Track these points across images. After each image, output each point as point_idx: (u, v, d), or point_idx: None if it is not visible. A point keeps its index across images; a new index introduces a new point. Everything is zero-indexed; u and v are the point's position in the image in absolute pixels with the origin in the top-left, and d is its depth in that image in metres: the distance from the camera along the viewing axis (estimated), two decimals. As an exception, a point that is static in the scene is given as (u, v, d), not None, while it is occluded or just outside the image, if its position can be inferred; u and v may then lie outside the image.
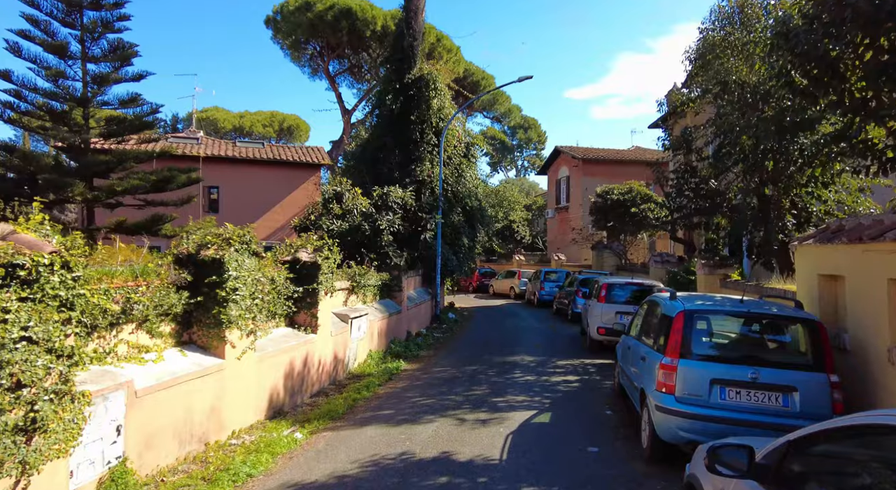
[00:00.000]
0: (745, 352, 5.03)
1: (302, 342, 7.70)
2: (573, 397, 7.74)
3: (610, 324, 11.09)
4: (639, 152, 35.08)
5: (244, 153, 26.63)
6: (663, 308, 5.56)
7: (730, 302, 5.32)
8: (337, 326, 9.02)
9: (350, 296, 10.29)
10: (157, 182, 18.08)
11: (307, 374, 7.85)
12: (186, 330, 5.88)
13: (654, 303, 6.18)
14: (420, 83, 18.46)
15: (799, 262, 6.19)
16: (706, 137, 10.44)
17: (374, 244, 12.44)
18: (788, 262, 9.57)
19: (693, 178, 10.59)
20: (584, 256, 27.69)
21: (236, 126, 50.70)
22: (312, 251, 8.32)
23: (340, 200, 13.51)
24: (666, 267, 15.10)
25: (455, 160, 19.19)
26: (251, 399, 6.43)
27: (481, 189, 21.82)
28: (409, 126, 18.37)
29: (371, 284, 11.13)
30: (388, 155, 18.46)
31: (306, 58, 38.54)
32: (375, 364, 10.01)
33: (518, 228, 41.98)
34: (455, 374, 9.24)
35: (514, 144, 72.53)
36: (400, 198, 13.86)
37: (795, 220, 8.62)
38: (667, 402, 4.88)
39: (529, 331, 15.09)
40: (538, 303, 22.85)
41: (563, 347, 12.31)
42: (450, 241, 18.55)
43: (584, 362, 10.47)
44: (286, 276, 7.70)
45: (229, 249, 5.98)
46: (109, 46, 15.04)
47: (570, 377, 9.07)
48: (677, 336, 5.00)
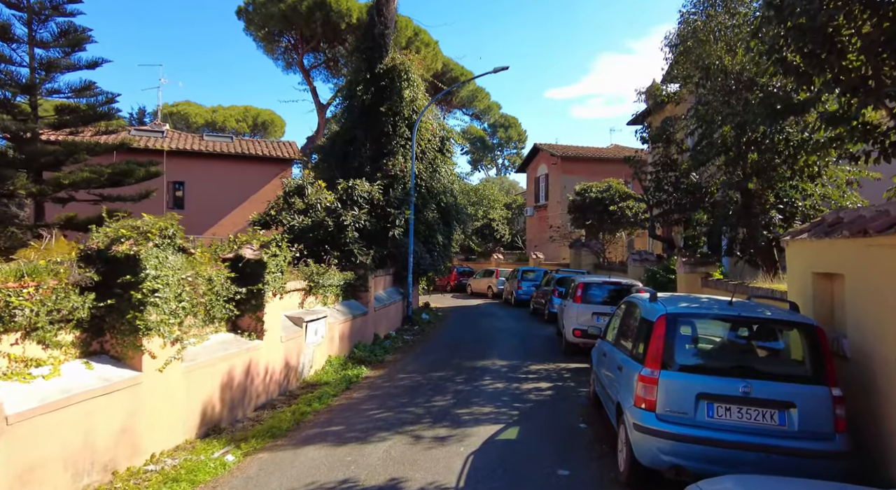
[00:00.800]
0: (735, 362, 4.40)
1: (244, 349, 6.89)
2: (545, 408, 7.08)
3: (586, 325, 10.45)
4: (618, 150, 34.84)
5: (211, 147, 25.53)
6: (643, 310, 4.91)
7: (717, 304, 4.69)
8: (289, 331, 8.22)
9: (307, 297, 9.49)
10: (113, 176, 16.99)
11: (250, 384, 7.05)
12: (97, 338, 5.06)
13: (632, 304, 5.54)
14: (392, 73, 17.69)
15: (791, 258, 5.62)
16: (687, 129, 9.89)
17: (338, 241, 11.64)
18: (773, 259, 9.08)
19: (673, 171, 10.05)
20: (563, 255, 27.23)
21: (209, 121, 49.24)
22: (259, 247, 7.51)
23: (303, 194, 12.67)
24: (644, 265, 14.61)
25: (429, 155, 18.46)
26: (177, 416, 5.62)
27: (457, 185, 21.11)
28: (381, 118, 17.60)
29: (333, 284, 10.34)
30: (358, 148, 17.67)
31: (280, 51, 37.36)
32: (334, 371, 9.23)
33: (497, 227, 41.49)
34: (419, 382, 8.52)
35: (494, 143, 72.18)
36: (367, 192, 13.07)
37: (781, 214, 8.10)
38: (647, 420, 4.23)
39: (504, 332, 14.45)
40: (515, 302, 22.28)
41: (538, 350, 11.68)
42: (423, 238, 17.83)
43: (558, 367, 9.84)
44: (227, 275, 6.89)
45: (147, 245, 5.16)
46: (59, 30, 13.95)
47: (542, 384, 8.42)
48: (658, 343, 4.36)
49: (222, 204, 24.67)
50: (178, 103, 51.25)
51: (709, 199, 9.65)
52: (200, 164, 24.77)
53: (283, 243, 7.77)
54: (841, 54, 4.94)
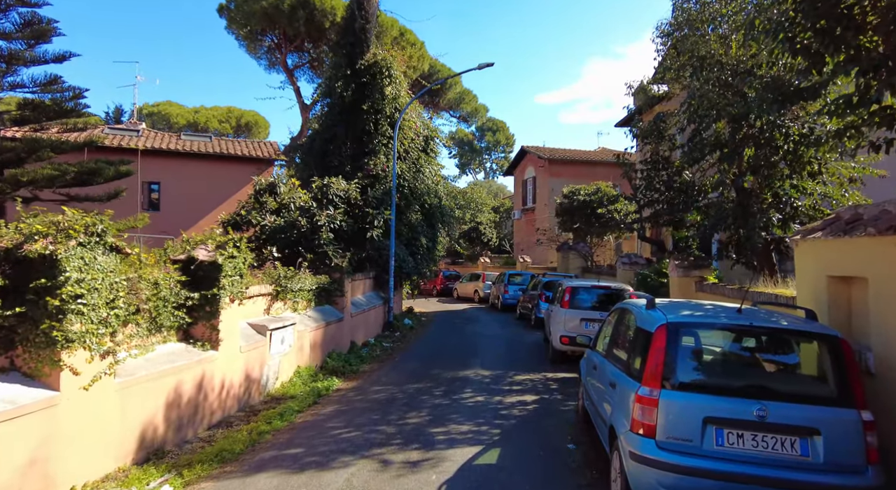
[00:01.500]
0: (747, 379, 3.78)
1: (195, 361, 6.17)
2: (529, 425, 6.44)
3: (574, 332, 9.89)
4: (605, 153, 34.54)
5: (189, 147, 24.67)
6: (638, 319, 4.30)
7: (724, 312, 4.09)
8: (251, 340, 7.51)
9: (274, 303, 8.78)
10: (80, 174, 16.15)
11: (203, 400, 6.33)
12: (5, 353, 4.33)
13: (626, 312, 4.93)
14: (374, 69, 17.05)
15: (801, 261, 5.05)
16: (679, 124, 9.37)
17: (312, 243, 10.93)
18: (771, 262, 8.56)
19: (665, 169, 9.51)
20: (550, 258, 26.71)
21: (190, 121, 48.19)
22: (214, 248, 6.80)
23: (275, 193, 11.95)
24: (634, 269, 14.07)
25: (413, 154, 17.84)
26: (108, 440, 4.89)
27: (443, 186, 20.49)
28: (362, 116, 16.96)
29: (304, 289, 9.63)
30: (338, 147, 17.00)
31: (263, 50, 36.52)
32: (303, 383, 8.52)
33: (485, 230, 40.98)
34: (394, 395, 7.84)
35: (482, 147, 71.90)
36: (343, 191, 12.37)
37: (780, 214, 7.57)
38: (645, 448, 3.61)
39: (489, 338, 13.81)
40: (502, 307, 21.69)
41: (524, 358, 11.06)
42: (406, 240, 17.19)
43: (545, 377, 9.22)
44: (177, 278, 6.18)
45: (68, 243, 4.45)
46: (22, 21, 13.11)
47: (527, 397, 7.78)
48: (658, 358, 3.74)
49: (200, 205, 23.79)
50: (159, 103, 50.17)
51: (702, 198, 9.12)
52: (177, 164, 23.92)
53: (243, 244, 7.06)
54: (858, 31, 4.39)
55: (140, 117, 47.70)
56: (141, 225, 17.19)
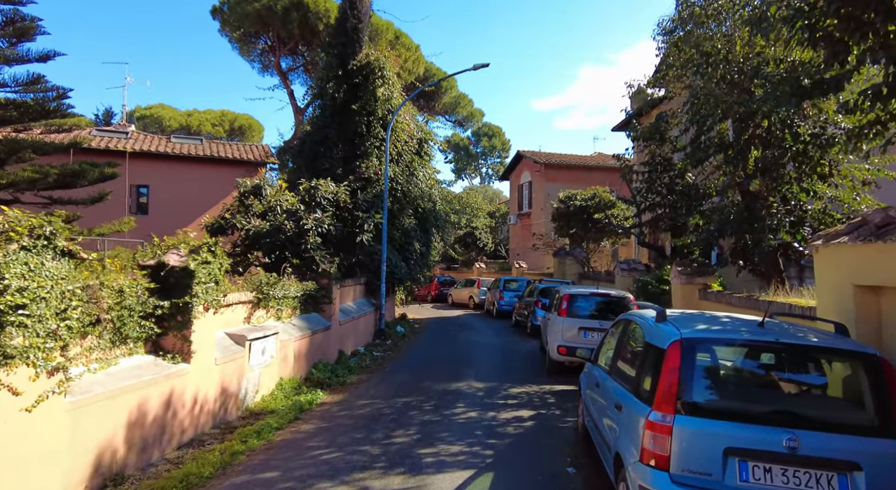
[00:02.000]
0: (775, 404, 3.33)
1: (164, 375, 5.68)
2: (525, 445, 5.97)
3: (572, 342, 9.44)
4: (601, 158, 34.30)
5: (179, 150, 24.20)
6: (647, 333, 3.85)
7: (745, 326, 3.65)
8: (228, 351, 7.02)
9: (256, 311, 8.29)
10: (63, 176, 15.68)
11: (172, 418, 5.83)
12: (-63, 370, 3.84)
13: (632, 324, 4.48)
14: (366, 70, 16.64)
15: (822, 268, 4.62)
16: (681, 125, 8.97)
17: (298, 247, 10.45)
18: (778, 269, 8.15)
19: (666, 172, 9.11)
20: (547, 264, 26.31)
21: (183, 125, 47.74)
22: (187, 253, 6.32)
23: (260, 195, 11.47)
24: (633, 275, 13.65)
25: (406, 157, 17.40)
26: (55, 468, 4.38)
27: (437, 190, 20.05)
28: (354, 118, 16.53)
29: (288, 296, 9.14)
30: (329, 149, 16.56)
31: (257, 53, 36.12)
32: (285, 397, 8.03)
33: (480, 235, 40.60)
34: (381, 410, 7.36)
35: (477, 152, 71.71)
36: (332, 193, 11.90)
37: (791, 217, 7.16)
38: (658, 482, 3.16)
39: (483, 347, 13.33)
40: (497, 313, 21.22)
41: (520, 368, 10.59)
42: (399, 245, 16.73)
43: (542, 389, 8.75)
44: (145, 286, 5.71)
45: (7, 247, 3.97)
46: (4, 18, 12.67)
47: (523, 412, 7.31)
48: (672, 378, 3.30)
49: (190, 209, 23.28)
50: (152, 106, 49.78)
51: (706, 201, 8.72)
52: (167, 166, 23.46)
53: (218, 248, 6.58)
54: (889, 16, 3.99)
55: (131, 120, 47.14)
56: (126, 229, 16.71)
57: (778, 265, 8.14)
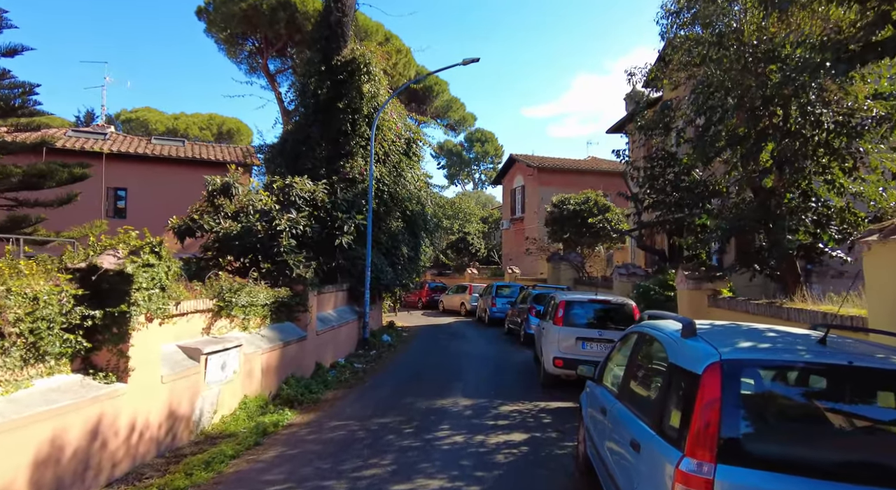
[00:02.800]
0: (850, 452, 2.51)
1: (90, 398, 4.80)
2: (517, 478, 5.12)
3: (570, 353, 8.63)
4: (595, 162, 33.74)
5: (159, 151, 23.30)
6: (672, 352, 3.03)
7: (800, 342, 2.84)
8: (178, 367, 6.13)
9: (217, 320, 7.41)
10: (29, 177, 14.79)
11: (100, 449, 4.93)
12: None
13: (648, 339, 3.66)
14: (351, 66, 15.86)
15: (877, 270, 3.84)
16: (687, 116, 8.23)
17: (270, 250, 9.57)
18: (796, 272, 7.38)
19: (671, 167, 8.35)
20: (540, 269, 25.53)
21: (170, 128, 46.85)
22: (127, 254, 5.46)
23: (229, 194, 10.60)
24: (633, 280, 12.87)
25: (393, 157, 16.60)
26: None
27: (426, 193, 19.25)
28: (338, 115, 15.73)
29: (256, 303, 8.27)
30: (312, 148, 15.73)
31: (244, 55, 35.27)
32: (248, 417, 7.13)
33: (473, 241, 39.85)
34: (355, 434, 6.49)
35: (470, 157, 71.23)
36: (308, 192, 11.04)
37: (815, 215, 6.40)
38: (695, 557, 2.32)
39: (474, 358, 12.48)
40: (489, 321, 20.39)
41: (512, 382, 9.74)
42: (386, 249, 15.90)
43: (536, 406, 7.90)
44: (71, 292, 4.84)
45: None
46: (-38, 11, 11.83)
47: (515, 435, 6.46)
48: (710, 415, 2.48)
49: (171, 212, 22.22)
50: (138, 109, 48.91)
51: (715, 200, 7.96)
52: (147, 169, 22.55)
53: (164, 250, 5.71)
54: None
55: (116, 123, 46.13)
56: (97, 232, 15.74)
57: (796, 269, 7.39)
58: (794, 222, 6.40)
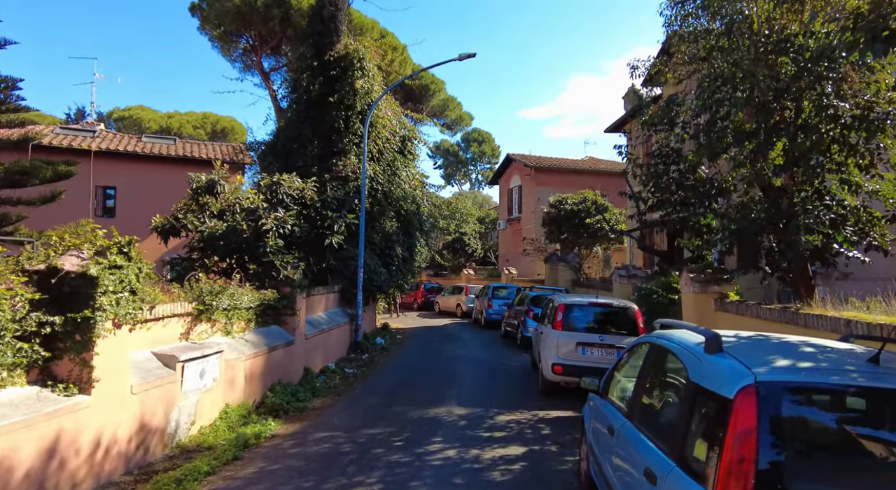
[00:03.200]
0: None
1: (45, 414, 4.37)
2: (515, 498, 4.73)
3: (570, 359, 8.24)
4: (593, 162, 33.42)
5: (150, 149, 22.85)
6: (694, 369, 2.63)
7: (845, 359, 2.45)
8: (151, 376, 5.71)
9: (197, 325, 6.99)
10: (10, 174, 14.38)
11: (58, 469, 4.50)
12: None
13: (663, 352, 3.25)
14: (344, 61, 15.44)
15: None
16: (692, 111, 7.85)
17: (256, 250, 9.15)
18: (807, 275, 7.00)
19: (676, 164, 7.96)
20: (538, 270, 25.17)
21: (163, 127, 46.40)
22: (93, 254, 5.04)
23: (214, 192, 10.17)
24: (633, 282, 12.51)
25: (388, 155, 16.19)
26: None
27: (421, 192, 18.85)
28: (331, 112, 15.31)
29: (240, 306, 7.85)
30: (304, 146, 15.31)
31: (238, 52, 34.78)
32: (229, 428, 6.72)
33: (469, 241, 39.47)
34: (341, 447, 6.08)
35: (467, 158, 70.94)
36: (297, 190, 10.61)
37: (832, 214, 6.02)
38: None
39: (469, 363, 12.08)
40: (485, 323, 20.00)
41: (509, 388, 9.35)
42: (380, 250, 15.49)
43: (535, 416, 7.51)
44: (28, 296, 4.42)
45: None
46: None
47: (512, 448, 6.06)
48: (745, 448, 2.08)
49: (161, 212, 21.88)
50: (131, 108, 48.43)
51: (722, 199, 7.59)
52: (137, 167, 22.09)
53: (133, 250, 5.29)
54: None
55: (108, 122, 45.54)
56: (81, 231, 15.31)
57: (808, 271, 7.01)
58: (809, 222, 6.03)
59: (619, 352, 8.23)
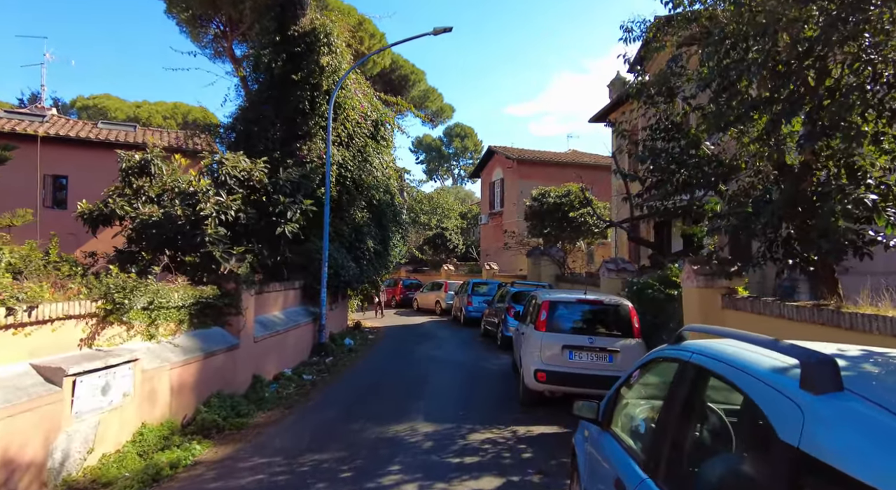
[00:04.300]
0: None
1: None
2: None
3: (555, 365, 7.14)
4: (576, 155, 32.59)
5: (107, 136, 21.23)
6: (783, 424, 1.46)
7: None
8: (23, 395, 4.44)
9: (105, 327, 5.71)
10: (-66, 159, 12.87)
11: None
12: None
13: (710, 377, 2.10)
14: (311, 37, 14.15)
15: None
16: (694, 80, 6.78)
17: (193, 240, 7.86)
18: (831, 267, 6.01)
19: (678, 140, 6.89)
20: (520, 265, 24.14)
21: (131, 116, 44.30)
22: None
23: (150, 173, 8.85)
24: (623, 276, 11.49)
25: (358, 141, 14.96)
26: None
27: (396, 182, 17.63)
28: (295, 92, 14.03)
29: (167, 306, 6.59)
30: (265, 129, 14.00)
31: (209, 38, 33.03)
32: (141, 454, 5.47)
33: (451, 236, 38.37)
34: (275, 478, 4.89)
35: (449, 153, 69.86)
36: (243, 171, 9.30)
37: (874, 193, 4.99)
38: None
39: (443, 365, 10.94)
40: (464, 321, 18.92)
41: (486, 397, 8.23)
42: (349, 243, 14.27)
43: (514, 433, 6.38)
44: None
45: None
46: None
47: (486, 481, 4.91)
48: None
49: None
50: (96, 96, 46.26)
51: (731, 178, 6.54)
52: (92, 155, 20.44)
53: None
54: None
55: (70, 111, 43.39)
56: (19, 223, 13.78)
57: (830, 262, 6.01)
58: (846, 204, 4.99)
59: (611, 356, 7.17)
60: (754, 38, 5.99)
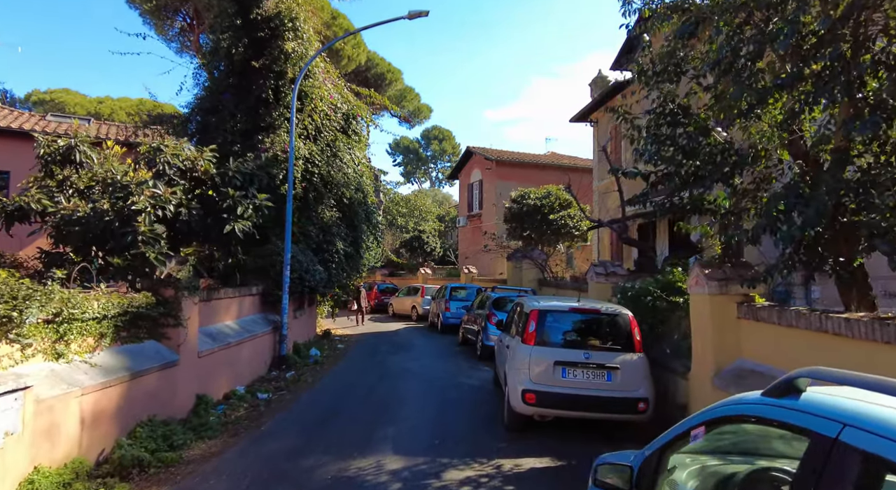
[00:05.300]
0: None
1: None
2: None
3: (546, 385, 6.17)
4: (555, 157, 32.03)
5: (55, 130, 19.50)
6: None
7: None
8: None
9: (-13, 347, 4.53)
10: None
11: None
12: None
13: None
14: (274, 21, 13.03)
15: None
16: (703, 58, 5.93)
17: (122, 239, 6.67)
18: (865, 275, 5.20)
19: (685, 126, 6.01)
20: (499, 269, 23.27)
21: (92, 112, 42.02)
22: None
23: (75, 162, 7.61)
24: (612, 281, 10.62)
25: (327, 135, 13.87)
26: None
27: (369, 180, 16.54)
28: (258, 80, 12.91)
29: (82, 317, 5.41)
30: (224, 120, 12.83)
31: (175, 32, 31.62)
32: (25, 509, 4.30)
33: (428, 239, 37.35)
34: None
35: (427, 155, 69.01)
36: (187, 160, 8.10)
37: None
38: None
39: (418, 380, 9.89)
40: (442, 328, 17.90)
41: (466, 421, 7.20)
42: (316, 244, 13.14)
43: (499, 470, 5.37)
44: None
45: None
46: None
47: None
48: None
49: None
50: (54, 91, 43.84)
51: (748, 168, 5.69)
52: (39, 150, 18.70)
53: None
54: None
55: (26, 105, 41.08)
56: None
57: (864, 268, 5.20)
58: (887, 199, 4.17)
59: (609, 374, 6.24)
60: (775, 8, 5.17)
